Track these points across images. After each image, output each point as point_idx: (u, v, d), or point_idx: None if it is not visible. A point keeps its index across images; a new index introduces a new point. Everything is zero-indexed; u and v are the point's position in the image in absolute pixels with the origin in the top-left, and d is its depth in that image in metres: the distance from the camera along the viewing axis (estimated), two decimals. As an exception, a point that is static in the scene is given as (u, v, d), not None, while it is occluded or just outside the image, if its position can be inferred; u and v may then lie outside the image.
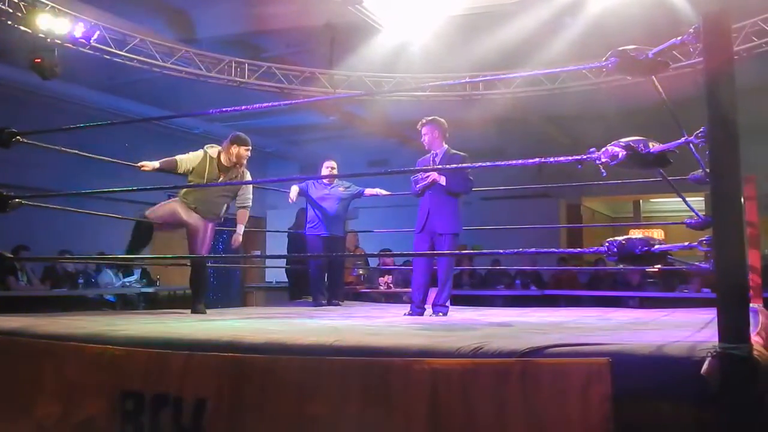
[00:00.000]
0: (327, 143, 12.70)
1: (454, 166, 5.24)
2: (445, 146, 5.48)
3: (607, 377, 2.01)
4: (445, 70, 9.52)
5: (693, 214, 4.58)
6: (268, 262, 13.35)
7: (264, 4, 8.45)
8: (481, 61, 8.90)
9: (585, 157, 2.67)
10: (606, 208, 16.81)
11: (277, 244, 13.34)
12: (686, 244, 2.66)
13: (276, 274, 13.00)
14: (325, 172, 6.82)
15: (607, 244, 2.47)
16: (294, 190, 6.82)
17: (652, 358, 2.08)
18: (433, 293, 5.41)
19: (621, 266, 7.24)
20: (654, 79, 2.84)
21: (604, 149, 2.56)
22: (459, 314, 5.40)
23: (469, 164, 5.42)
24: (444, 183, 5.31)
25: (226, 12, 8.91)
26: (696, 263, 4.33)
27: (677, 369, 2.01)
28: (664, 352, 2.11)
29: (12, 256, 3.99)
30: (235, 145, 5.48)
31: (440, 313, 5.21)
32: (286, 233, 8.81)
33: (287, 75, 9.87)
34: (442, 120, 5.52)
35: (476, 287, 10.91)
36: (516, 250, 2.96)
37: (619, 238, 2.46)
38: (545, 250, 2.98)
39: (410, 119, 6.31)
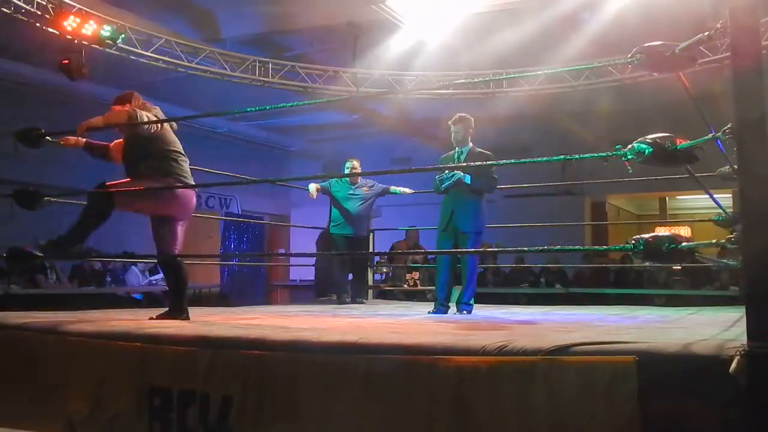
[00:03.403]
0: (350, 141, 12.73)
1: (479, 163, 5.22)
2: (470, 144, 5.47)
3: (633, 376, 1.99)
4: (467, 67, 9.50)
5: (721, 211, 4.52)
6: (292, 260, 13.41)
7: (287, 3, 8.50)
8: (503, 58, 8.87)
9: (611, 154, 2.64)
10: (631, 205, 16.64)
11: (301, 242, 13.40)
12: (714, 241, 2.63)
13: (300, 272, 13.05)
14: (347, 171, 6.83)
15: (633, 241, 2.45)
16: (313, 187, 6.83)
17: (679, 357, 2.05)
18: (457, 291, 5.40)
19: (647, 264, 7.17)
20: (681, 75, 2.81)
21: (630, 146, 2.53)
22: (483, 312, 5.39)
23: (493, 162, 5.40)
24: (468, 181, 5.29)
25: (250, 12, 8.97)
26: (724, 261, 4.27)
27: (704, 368, 1.99)
28: (691, 350, 2.08)
29: (41, 255, 4.04)
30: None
31: (465, 311, 5.20)
32: (318, 231, 8.82)
33: (310, 74, 9.91)
34: (471, 118, 5.51)
35: (500, 285, 10.85)
36: (541, 248, 2.95)
37: (646, 236, 2.44)
38: (570, 248, 2.97)
39: (433, 117, 6.33)
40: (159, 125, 4.03)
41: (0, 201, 4.44)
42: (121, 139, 4.25)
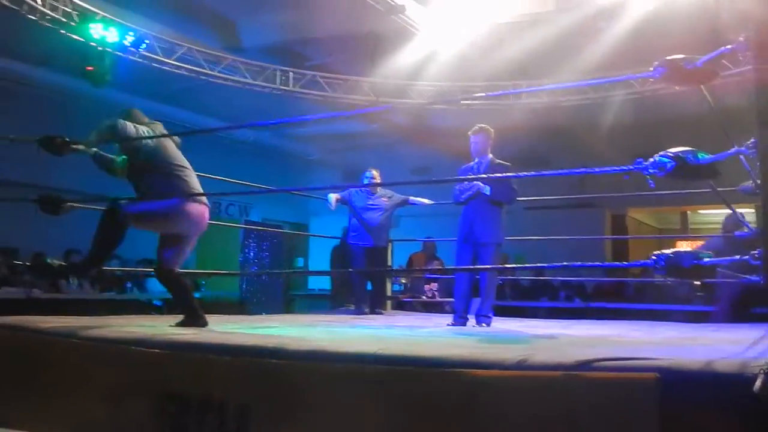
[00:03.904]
0: (370, 151, 12.75)
1: (499, 175, 5.21)
2: (490, 155, 5.45)
3: (654, 393, 1.97)
4: (486, 77, 9.50)
5: (744, 226, 4.47)
6: (311, 269, 13.43)
7: (307, 13, 8.55)
8: (522, 67, 8.86)
9: (632, 167, 2.63)
10: (652, 219, 16.50)
11: (320, 251, 13.43)
12: (737, 257, 2.59)
13: (318, 281, 13.06)
14: (366, 182, 6.83)
15: (654, 257, 2.43)
16: (333, 197, 6.84)
17: (701, 375, 2.03)
18: (475, 303, 5.37)
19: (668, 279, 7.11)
20: (702, 88, 2.79)
21: (651, 160, 2.52)
22: (502, 325, 5.36)
23: (514, 174, 5.38)
24: (488, 192, 5.28)
25: (271, 21, 9.04)
26: (747, 277, 4.22)
27: (727, 386, 1.96)
28: (713, 368, 2.05)
29: (63, 263, 4.10)
30: None
31: (483, 324, 5.17)
32: (336, 240, 8.83)
33: (331, 83, 9.96)
34: (491, 129, 5.50)
35: (519, 298, 10.80)
36: (560, 264, 2.93)
37: (667, 251, 2.42)
38: (590, 264, 2.94)
39: (452, 127, 6.33)
40: (156, 140, 4.00)
41: (24, 204, 4.48)
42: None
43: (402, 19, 8.32)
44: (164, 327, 3.72)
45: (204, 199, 4.19)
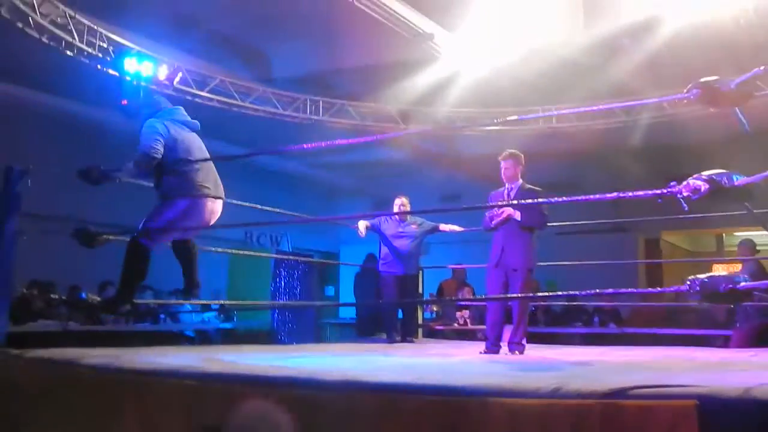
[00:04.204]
0: (399, 178, 12.77)
1: (529, 201, 5.19)
2: (520, 181, 5.43)
3: (693, 421, 1.93)
4: (515, 102, 9.50)
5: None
6: (342, 298, 13.45)
7: (337, 42, 8.66)
8: (551, 93, 8.85)
9: (665, 191, 2.60)
10: (687, 242, 16.23)
11: (350, 279, 13.43)
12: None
13: (349, 310, 13.05)
14: (396, 209, 6.83)
15: (689, 282, 2.39)
16: (362, 224, 6.85)
17: (741, 402, 1.98)
18: (508, 331, 5.32)
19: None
20: (737, 110, 2.76)
21: (685, 183, 2.49)
22: (535, 352, 5.29)
23: (544, 199, 5.35)
24: (519, 218, 5.25)
25: (301, 51, 9.16)
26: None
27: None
28: (753, 395, 2.00)
29: (99, 299, 4.21)
30: None
31: (516, 351, 5.11)
32: (358, 267, 8.84)
33: (360, 111, 10.02)
34: (521, 154, 5.49)
35: (552, 324, 10.66)
36: (593, 291, 2.89)
37: (702, 276, 2.38)
38: (623, 290, 2.90)
39: (482, 153, 6.32)
40: (171, 138, 4.14)
41: (59, 237, 4.56)
42: None
43: (431, 46, 8.39)
44: (197, 358, 3.74)
45: (215, 192, 4.24)
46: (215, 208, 4.26)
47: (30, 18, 7.10)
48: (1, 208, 3.98)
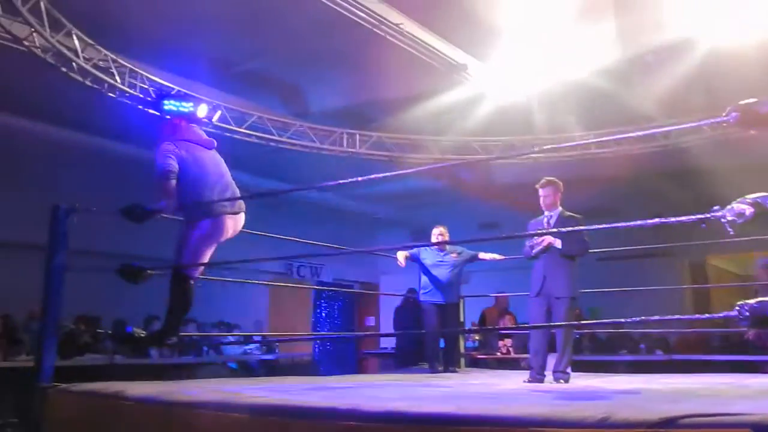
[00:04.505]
0: (437, 208, 12.76)
1: (569, 229, 5.15)
2: (560, 208, 5.41)
3: (748, 450, 1.88)
4: (550, 130, 9.47)
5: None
6: (383, 329, 13.43)
7: (371, 75, 8.75)
8: (587, 120, 8.81)
9: (709, 215, 2.57)
10: (734, 265, 15.86)
11: (390, 309, 13.41)
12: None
13: (390, 340, 13.02)
14: (434, 239, 6.83)
15: (738, 307, 2.34)
16: (401, 254, 6.86)
17: (797, 430, 1.93)
18: (552, 359, 5.25)
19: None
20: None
21: (729, 207, 2.46)
22: (581, 381, 5.22)
23: (585, 226, 5.31)
24: (560, 246, 5.21)
25: (336, 85, 9.28)
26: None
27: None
28: (810, 422, 1.95)
29: (145, 334, 4.30)
30: None
31: (561, 380, 5.05)
32: (398, 298, 8.83)
33: (397, 143, 10.09)
34: (559, 182, 5.47)
35: (597, 352, 10.47)
36: (638, 318, 2.84)
37: (751, 301, 2.33)
38: (669, 317, 2.85)
39: (519, 181, 6.31)
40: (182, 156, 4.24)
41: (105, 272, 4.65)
42: None
43: (464, 77, 8.44)
44: (241, 391, 3.77)
45: (233, 208, 4.27)
46: (237, 225, 4.33)
47: (73, 63, 7.32)
48: (49, 245, 4.09)
